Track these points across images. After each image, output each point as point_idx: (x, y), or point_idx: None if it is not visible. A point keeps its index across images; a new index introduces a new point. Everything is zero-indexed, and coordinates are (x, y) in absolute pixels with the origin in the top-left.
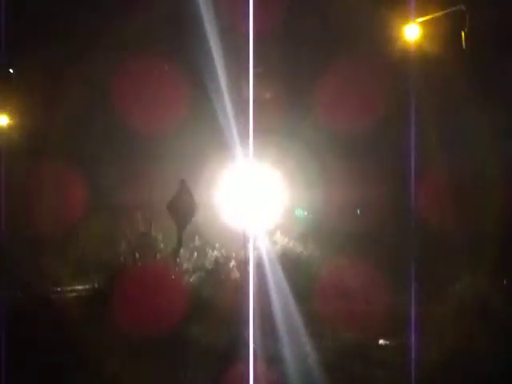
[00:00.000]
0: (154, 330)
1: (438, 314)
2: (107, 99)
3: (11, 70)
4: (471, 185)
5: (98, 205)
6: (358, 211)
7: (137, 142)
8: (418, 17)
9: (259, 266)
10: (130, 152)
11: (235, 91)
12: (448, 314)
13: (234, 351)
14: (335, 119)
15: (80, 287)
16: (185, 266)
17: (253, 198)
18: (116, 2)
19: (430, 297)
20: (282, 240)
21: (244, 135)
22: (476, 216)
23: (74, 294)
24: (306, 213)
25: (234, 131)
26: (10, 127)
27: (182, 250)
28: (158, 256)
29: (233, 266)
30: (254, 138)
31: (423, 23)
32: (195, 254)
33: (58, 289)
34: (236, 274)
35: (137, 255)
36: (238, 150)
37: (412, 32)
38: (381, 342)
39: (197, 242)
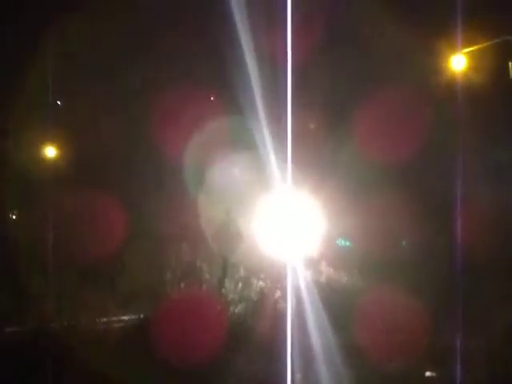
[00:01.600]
0: (197, 360)
1: (483, 346)
2: (150, 128)
3: (59, 102)
4: None
5: (144, 234)
6: (403, 242)
7: (179, 171)
8: (464, 47)
9: (301, 296)
10: (174, 181)
11: (275, 121)
12: (493, 345)
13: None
14: (378, 149)
15: (126, 318)
16: (230, 296)
17: (294, 227)
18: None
19: (476, 329)
20: (326, 270)
21: (283, 164)
22: None
23: (120, 325)
24: (348, 243)
25: (274, 160)
26: (57, 158)
27: (227, 280)
28: (204, 286)
29: (278, 296)
30: (293, 167)
31: (470, 54)
32: (240, 284)
33: (105, 319)
34: (281, 305)
35: (182, 285)
36: (279, 179)
37: (458, 62)
38: (428, 373)
39: (242, 272)
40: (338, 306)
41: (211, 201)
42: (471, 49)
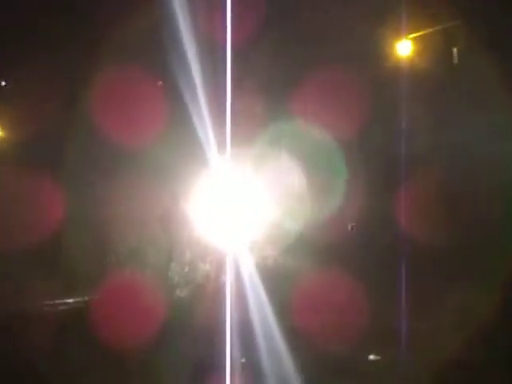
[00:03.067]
0: (138, 344)
1: (426, 329)
2: (94, 113)
3: (3, 83)
4: (460, 194)
5: (87, 217)
6: (350, 227)
7: (119, 155)
8: (410, 33)
9: (244, 280)
10: (114, 164)
11: (213, 99)
12: (436, 328)
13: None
14: (320, 128)
15: (70, 301)
16: (176, 279)
17: (239, 210)
18: (102, 12)
19: (420, 311)
20: (271, 253)
21: (223, 145)
22: (466, 226)
23: (64, 308)
24: (295, 226)
25: (213, 141)
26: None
27: (173, 264)
28: (148, 269)
29: (222, 280)
30: (232, 147)
31: (415, 39)
32: (186, 268)
33: (50, 302)
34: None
35: (126, 268)
36: (222, 162)
37: (404, 48)
38: (371, 357)
39: (188, 256)
40: (282, 289)
41: (155, 184)
42: (417, 34)
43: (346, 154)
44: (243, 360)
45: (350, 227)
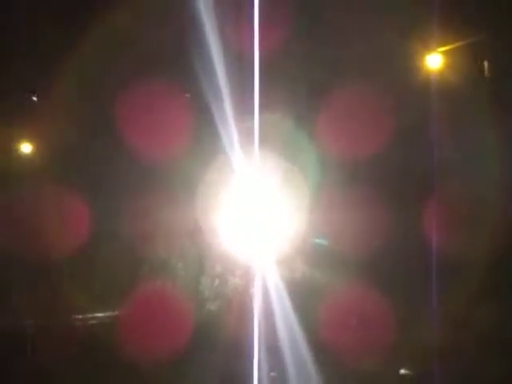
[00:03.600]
0: (168, 357)
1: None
2: (121, 125)
3: (35, 98)
4: (489, 205)
5: (117, 232)
6: (377, 242)
7: (149, 168)
8: (440, 46)
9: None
10: (144, 178)
11: (239, 110)
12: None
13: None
14: (350, 145)
15: (100, 315)
16: (206, 293)
17: (268, 224)
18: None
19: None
20: (300, 267)
21: (250, 155)
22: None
23: (94, 322)
24: (324, 241)
25: (240, 152)
26: (33, 154)
27: (203, 278)
28: (179, 283)
29: (252, 293)
30: (260, 158)
31: (446, 52)
32: (216, 281)
33: (80, 317)
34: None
35: (156, 282)
36: (246, 171)
37: (434, 61)
38: (402, 371)
39: (218, 269)
40: (310, 302)
41: (184, 196)
42: (447, 48)
43: (372, 166)
44: (273, 374)
45: (377, 242)
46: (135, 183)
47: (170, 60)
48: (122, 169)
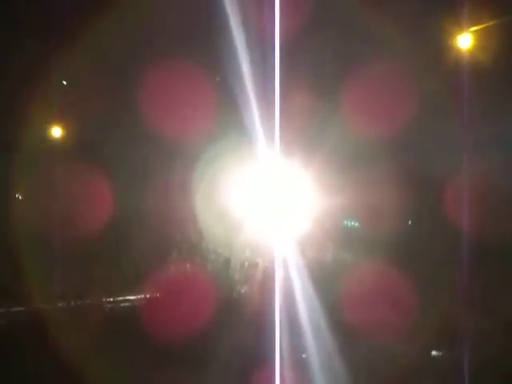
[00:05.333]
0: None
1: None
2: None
3: (65, 82)
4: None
5: (149, 215)
6: (409, 222)
7: (177, 152)
8: (471, 26)
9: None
10: (172, 162)
11: (262, 95)
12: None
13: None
14: (375, 123)
15: (132, 297)
16: (236, 276)
17: (298, 207)
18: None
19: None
20: (331, 249)
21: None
22: None
23: (126, 304)
24: (354, 223)
25: (264, 136)
26: (63, 138)
27: (233, 261)
28: (209, 266)
29: (282, 276)
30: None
31: (477, 32)
32: (246, 264)
33: (111, 299)
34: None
35: (187, 265)
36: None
37: (465, 41)
38: (434, 353)
39: (247, 253)
40: (342, 285)
41: (214, 181)
42: (478, 27)
43: (402, 145)
44: (304, 356)
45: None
46: (165, 168)
47: (195, 44)
48: (153, 152)
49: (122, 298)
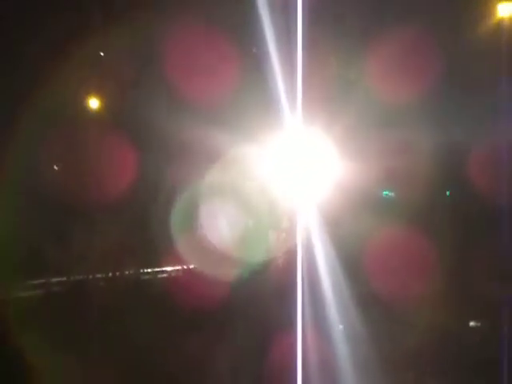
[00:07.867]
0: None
1: None
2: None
3: (102, 53)
4: None
5: (184, 189)
6: (448, 192)
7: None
8: None
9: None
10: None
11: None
12: None
13: None
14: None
15: (169, 268)
16: (274, 247)
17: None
18: None
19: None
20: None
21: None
22: None
23: (164, 275)
24: (391, 193)
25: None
26: (100, 110)
27: (271, 232)
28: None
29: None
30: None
31: None
32: (283, 235)
33: (148, 270)
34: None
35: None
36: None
37: (506, 9)
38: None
39: (285, 224)
40: (375, 254)
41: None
42: None
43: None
44: (341, 326)
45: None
46: (198, 138)
47: (217, 11)
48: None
49: (158, 269)
